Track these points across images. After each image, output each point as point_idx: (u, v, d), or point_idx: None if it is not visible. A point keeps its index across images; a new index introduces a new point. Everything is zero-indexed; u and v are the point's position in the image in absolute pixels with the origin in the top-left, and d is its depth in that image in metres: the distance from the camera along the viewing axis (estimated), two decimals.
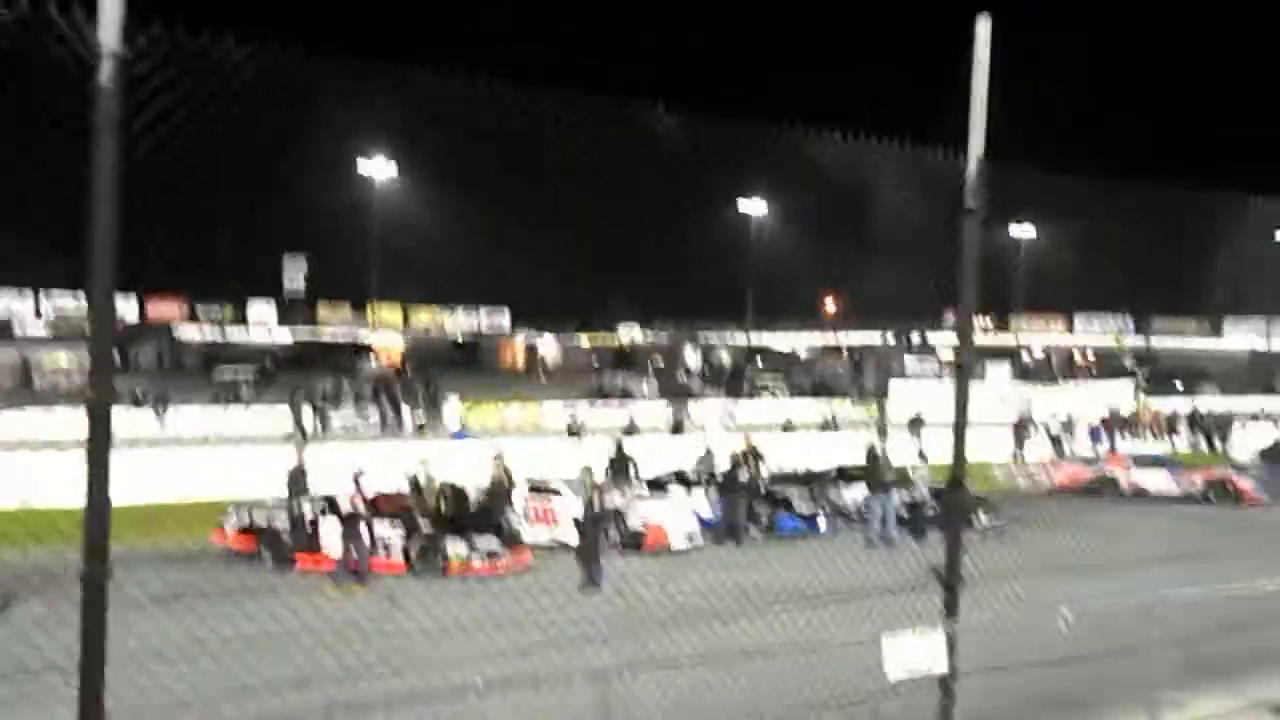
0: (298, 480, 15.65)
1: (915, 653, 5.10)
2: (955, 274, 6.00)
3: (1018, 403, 33.56)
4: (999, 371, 45.29)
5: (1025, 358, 54.26)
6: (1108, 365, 53.38)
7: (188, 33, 3.14)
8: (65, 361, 41.75)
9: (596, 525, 13.73)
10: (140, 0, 3.01)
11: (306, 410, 31.10)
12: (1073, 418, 32.03)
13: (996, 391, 36.76)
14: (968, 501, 5.89)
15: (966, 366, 6.04)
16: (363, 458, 15.60)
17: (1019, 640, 6.32)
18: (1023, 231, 52.50)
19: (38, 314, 49.88)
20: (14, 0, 2.91)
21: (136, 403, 30.34)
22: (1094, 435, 31.85)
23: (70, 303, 50.75)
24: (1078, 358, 58.06)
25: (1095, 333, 56.89)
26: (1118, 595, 7.14)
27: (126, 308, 46.96)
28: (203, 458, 19.47)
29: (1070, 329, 57.72)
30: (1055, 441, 30.17)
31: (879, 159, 6.56)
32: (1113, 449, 29.58)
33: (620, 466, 19.38)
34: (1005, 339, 50.83)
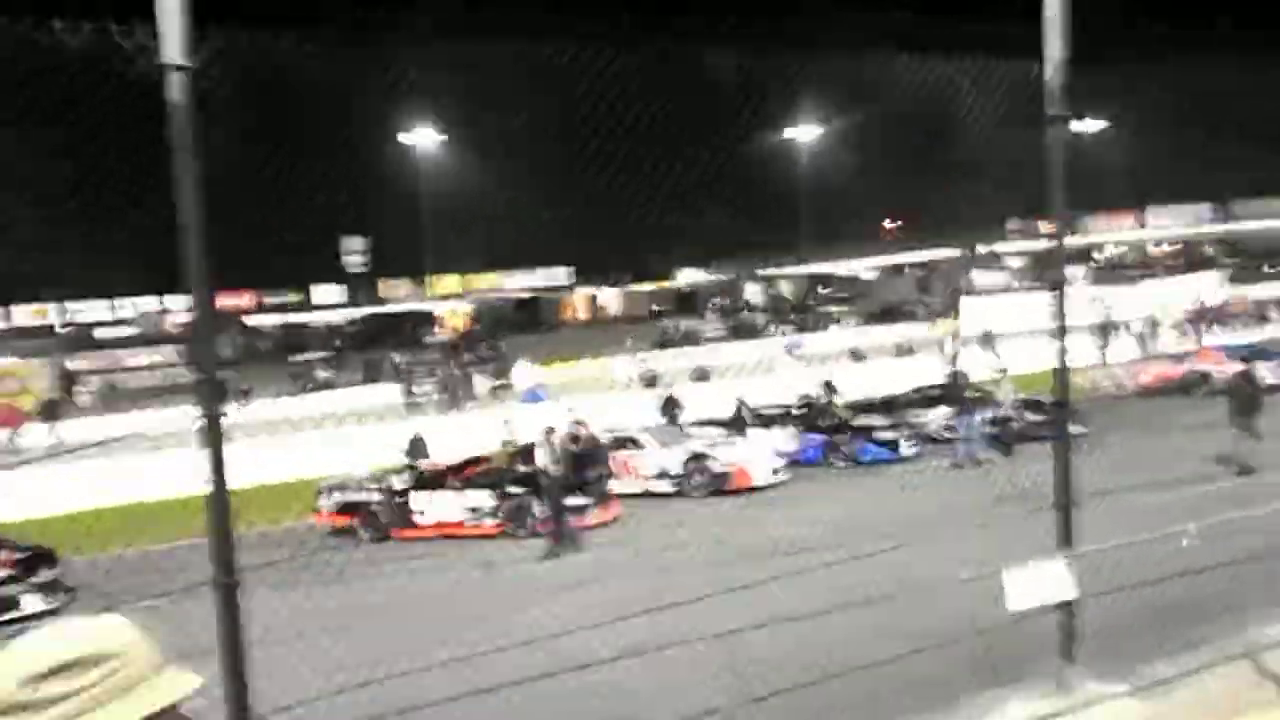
0: (418, 448, 16.79)
1: (1037, 582, 4.97)
2: (1036, 184, 5.71)
3: (1096, 305, 32.42)
4: (1072, 275, 43.76)
5: (1099, 257, 52.29)
6: (1189, 257, 51.04)
7: (249, 35, 3.08)
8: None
9: (561, 488, 13.55)
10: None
11: (398, 386, 31.98)
12: (1156, 315, 30.85)
13: (1072, 295, 35.52)
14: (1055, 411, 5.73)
15: (1060, 278, 5.79)
16: (465, 425, 16.14)
17: (1139, 552, 6.12)
18: (1086, 125, 49.99)
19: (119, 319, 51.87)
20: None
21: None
22: (1181, 331, 30.65)
23: (149, 305, 52.58)
24: (1155, 251, 55.69)
25: (1172, 225, 54.29)
26: (1231, 503, 6.85)
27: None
28: (285, 441, 19.95)
29: (1143, 224, 55.22)
30: (1140, 340, 29.14)
31: (946, 70, 6.24)
32: (1201, 343, 28.42)
33: (670, 412, 19.70)
34: (1076, 241, 48.91)
